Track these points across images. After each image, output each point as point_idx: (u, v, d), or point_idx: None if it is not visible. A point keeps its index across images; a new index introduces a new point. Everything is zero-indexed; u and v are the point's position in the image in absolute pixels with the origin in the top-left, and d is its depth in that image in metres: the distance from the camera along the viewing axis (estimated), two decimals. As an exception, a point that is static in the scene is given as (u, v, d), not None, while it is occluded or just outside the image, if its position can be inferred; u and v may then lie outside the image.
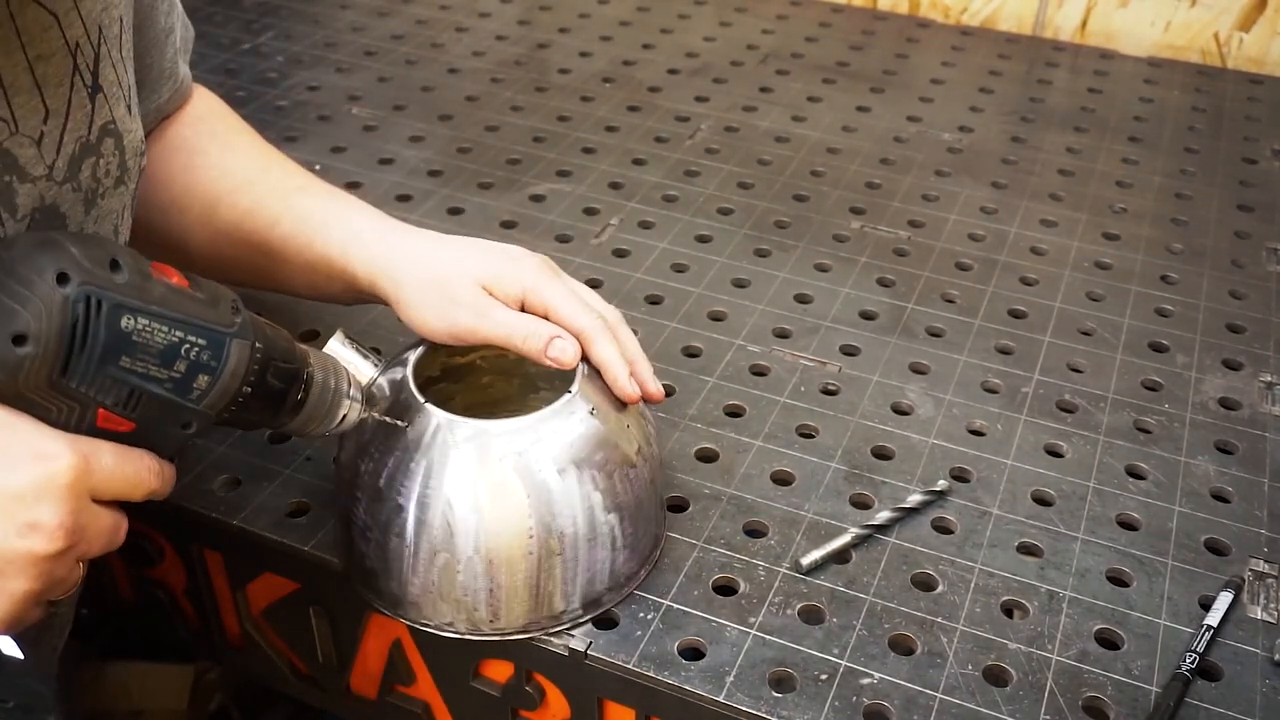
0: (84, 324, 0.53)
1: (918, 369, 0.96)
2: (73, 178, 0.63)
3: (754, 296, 1.04)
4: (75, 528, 0.54)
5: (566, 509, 0.69)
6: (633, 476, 0.72)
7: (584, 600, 0.73)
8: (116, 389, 0.55)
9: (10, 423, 0.53)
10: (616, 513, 0.71)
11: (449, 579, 0.70)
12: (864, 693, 0.70)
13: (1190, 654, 0.72)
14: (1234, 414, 0.93)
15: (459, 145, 1.25)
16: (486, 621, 0.71)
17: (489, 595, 0.70)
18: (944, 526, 0.82)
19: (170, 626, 0.91)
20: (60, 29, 0.61)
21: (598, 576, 0.72)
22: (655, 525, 0.77)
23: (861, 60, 1.47)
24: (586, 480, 0.70)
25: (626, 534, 0.73)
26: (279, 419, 0.64)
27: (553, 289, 0.74)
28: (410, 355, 0.74)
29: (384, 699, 0.83)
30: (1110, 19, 1.53)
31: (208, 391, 0.58)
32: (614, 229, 1.12)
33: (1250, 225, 1.17)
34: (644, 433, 0.75)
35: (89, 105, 0.64)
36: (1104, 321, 1.03)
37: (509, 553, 0.69)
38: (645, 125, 1.31)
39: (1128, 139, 1.32)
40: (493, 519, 0.68)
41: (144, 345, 0.55)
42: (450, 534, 0.69)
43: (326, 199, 0.81)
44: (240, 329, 0.59)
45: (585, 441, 0.70)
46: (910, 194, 1.20)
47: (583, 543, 0.70)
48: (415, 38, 1.49)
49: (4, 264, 0.52)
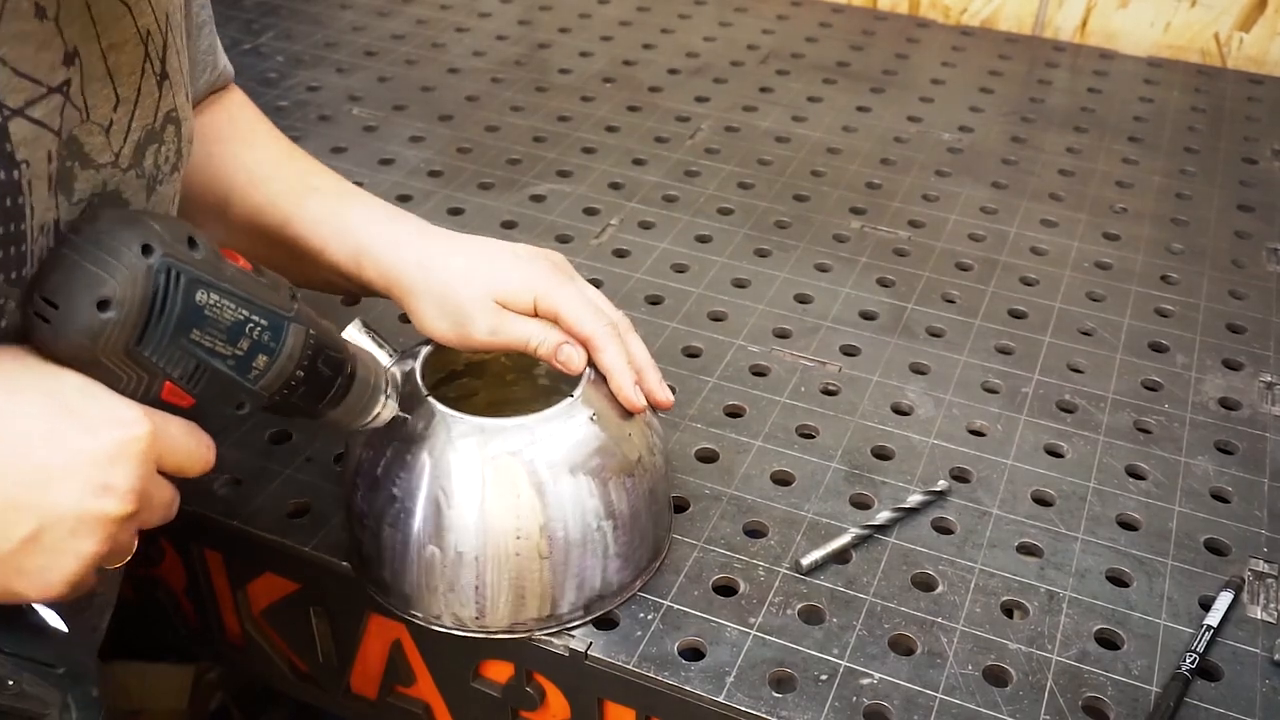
0: (163, 294, 0.55)
1: (918, 369, 0.96)
2: (137, 164, 0.64)
3: (754, 297, 1.04)
4: (144, 493, 0.55)
5: (558, 513, 0.69)
6: (629, 486, 0.72)
7: (572, 606, 0.72)
8: (184, 361, 0.56)
9: (88, 388, 0.55)
10: (611, 520, 0.71)
11: (436, 573, 0.70)
12: (864, 693, 0.70)
13: (1190, 654, 0.72)
14: (1234, 414, 0.93)
15: (459, 145, 1.25)
16: (472, 619, 0.71)
17: (475, 592, 0.70)
18: (944, 526, 0.82)
19: (170, 626, 0.91)
20: (133, 17, 0.63)
21: (587, 583, 0.72)
22: (654, 536, 0.76)
23: (862, 60, 1.47)
24: (582, 486, 0.70)
25: (620, 542, 0.72)
26: (320, 408, 0.65)
27: (562, 293, 0.74)
28: (422, 350, 0.75)
29: (384, 699, 0.83)
30: (1110, 19, 1.53)
31: (265, 372, 0.60)
32: (614, 229, 1.12)
33: (1250, 225, 1.17)
34: (647, 442, 0.74)
35: (157, 93, 0.66)
36: (1104, 321, 1.03)
37: (496, 551, 0.69)
38: (645, 125, 1.31)
39: (1128, 139, 1.32)
40: (482, 516, 0.69)
41: (214, 320, 0.57)
42: (439, 528, 0.69)
43: (337, 203, 0.81)
44: (298, 314, 0.61)
45: (583, 447, 0.70)
46: (910, 194, 1.20)
47: (573, 548, 0.70)
48: (415, 38, 1.49)
49: (90, 234, 0.55)
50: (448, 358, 0.76)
